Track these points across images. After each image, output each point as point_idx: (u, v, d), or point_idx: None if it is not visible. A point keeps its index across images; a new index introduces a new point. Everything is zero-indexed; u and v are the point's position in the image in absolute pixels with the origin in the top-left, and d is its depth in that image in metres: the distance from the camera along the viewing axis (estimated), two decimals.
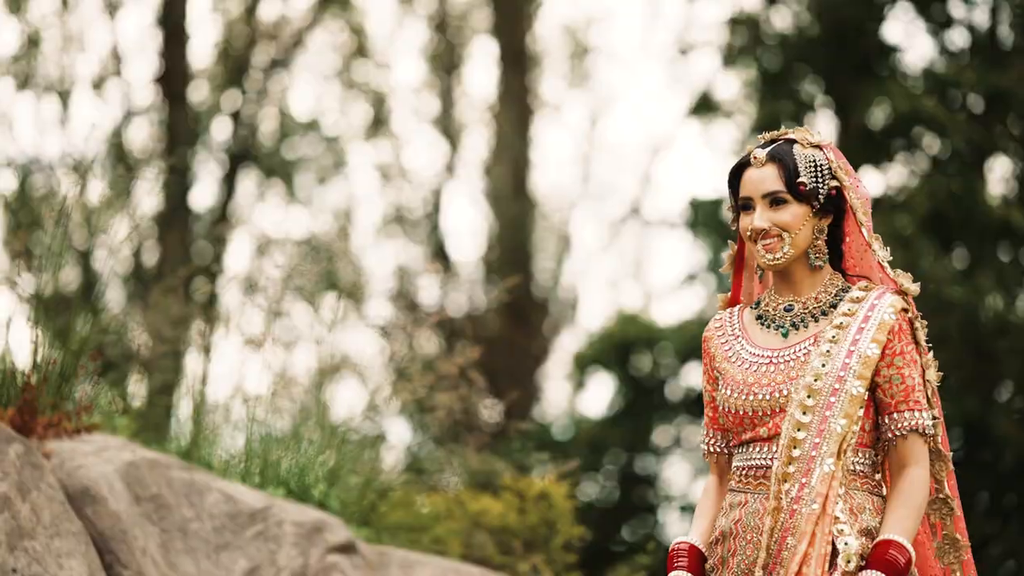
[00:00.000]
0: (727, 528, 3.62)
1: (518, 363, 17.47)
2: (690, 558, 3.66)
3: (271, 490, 6.29)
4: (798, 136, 3.67)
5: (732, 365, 3.67)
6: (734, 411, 3.62)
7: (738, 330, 3.72)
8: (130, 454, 5.66)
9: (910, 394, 3.58)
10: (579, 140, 20.17)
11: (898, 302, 3.62)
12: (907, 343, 3.60)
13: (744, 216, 3.67)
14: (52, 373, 5.67)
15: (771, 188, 3.62)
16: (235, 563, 5.67)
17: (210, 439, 6.62)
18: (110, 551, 5.37)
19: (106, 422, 6.19)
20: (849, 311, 3.60)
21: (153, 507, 5.61)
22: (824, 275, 3.68)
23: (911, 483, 3.55)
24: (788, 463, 3.52)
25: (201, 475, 5.86)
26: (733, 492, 3.65)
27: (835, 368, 3.54)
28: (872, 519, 3.56)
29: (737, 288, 3.84)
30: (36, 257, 7.38)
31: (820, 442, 3.51)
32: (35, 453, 5.33)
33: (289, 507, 5.97)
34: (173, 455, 6.09)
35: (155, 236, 17.45)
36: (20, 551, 5.06)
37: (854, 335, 3.57)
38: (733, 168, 3.69)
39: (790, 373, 3.58)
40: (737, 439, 3.66)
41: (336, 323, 9.50)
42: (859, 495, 3.57)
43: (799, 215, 3.61)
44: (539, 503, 6.86)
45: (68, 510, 5.30)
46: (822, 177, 3.63)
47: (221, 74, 18.23)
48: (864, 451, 3.60)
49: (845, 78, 13.96)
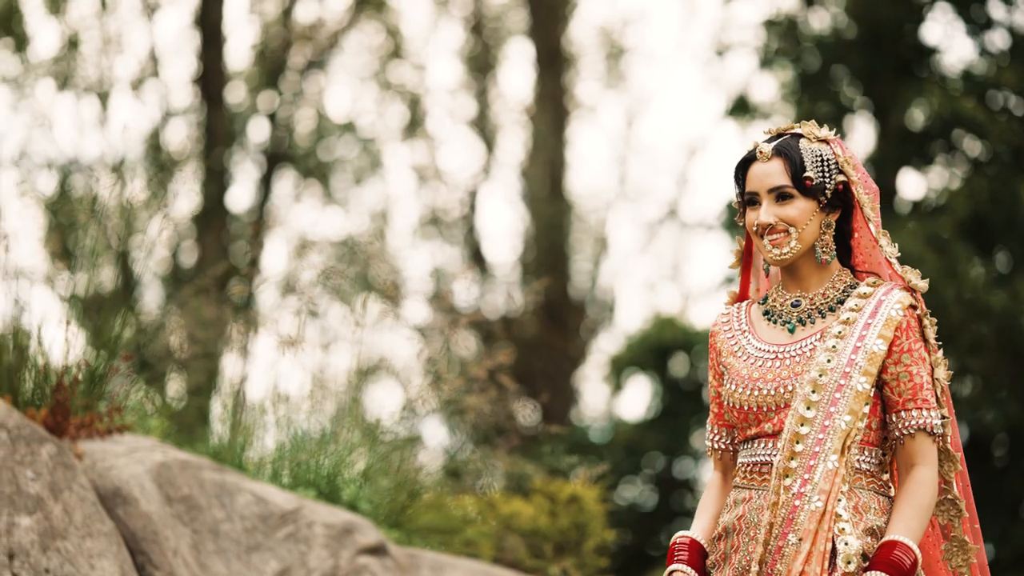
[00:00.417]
0: (730, 524, 3.58)
1: (555, 365, 17.45)
2: (691, 552, 3.63)
3: (302, 491, 6.29)
4: (805, 130, 3.65)
5: (738, 360, 3.64)
6: (739, 406, 3.59)
7: (745, 325, 3.69)
8: (161, 455, 5.67)
9: (918, 392, 3.54)
10: (615, 141, 20.15)
11: (906, 298, 3.58)
12: (915, 340, 3.56)
13: (750, 211, 3.64)
14: (84, 374, 5.69)
15: (777, 183, 3.59)
16: (266, 564, 5.67)
17: (243, 440, 6.63)
18: (142, 552, 5.37)
19: (139, 423, 6.20)
20: (856, 307, 3.57)
21: (184, 508, 5.62)
22: (832, 271, 3.65)
23: (918, 483, 3.51)
24: (790, 458, 3.48)
25: (232, 476, 5.86)
26: (738, 488, 3.62)
27: (840, 364, 3.51)
28: (877, 518, 3.51)
29: (745, 283, 3.81)
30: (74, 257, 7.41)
31: (824, 438, 3.47)
32: (67, 453, 5.34)
33: (320, 508, 5.96)
34: (205, 456, 6.09)
35: (193, 237, 17.52)
36: (53, 551, 5.08)
37: (860, 331, 3.53)
38: (739, 162, 3.66)
39: (795, 369, 3.55)
40: (742, 435, 3.63)
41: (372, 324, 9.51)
42: (864, 494, 3.53)
43: (805, 210, 3.58)
44: (570, 506, 6.85)
45: (100, 511, 5.31)
46: (829, 172, 3.60)
47: (258, 76, 18.29)
48: (870, 449, 3.56)
49: (884, 80, 13.89)
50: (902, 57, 13.83)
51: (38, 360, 5.70)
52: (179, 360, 8.47)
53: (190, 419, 6.88)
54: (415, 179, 19.47)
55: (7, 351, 5.82)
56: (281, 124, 18.11)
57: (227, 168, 17.21)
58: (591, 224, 20.13)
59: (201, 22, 17.24)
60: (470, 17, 19.61)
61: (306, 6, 18.37)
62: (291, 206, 18.61)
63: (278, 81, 18.03)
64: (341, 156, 18.96)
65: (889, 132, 13.99)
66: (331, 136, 18.78)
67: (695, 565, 3.62)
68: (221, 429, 6.57)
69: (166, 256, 17.99)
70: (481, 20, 19.59)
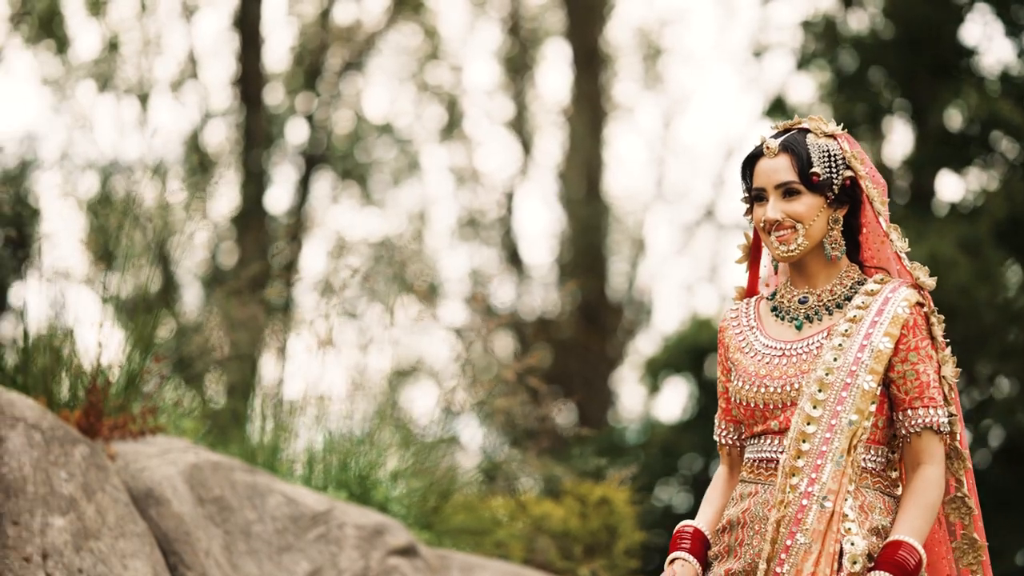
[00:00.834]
0: (736, 517, 3.58)
1: (592, 367, 17.45)
2: (693, 541, 3.63)
3: (333, 493, 6.32)
4: (812, 125, 3.63)
5: (745, 356, 3.63)
6: (746, 403, 3.58)
7: (753, 321, 3.68)
8: (193, 456, 5.72)
9: (925, 390, 3.52)
10: (652, 142, 20.14)
11: (913, 296, 3.56)
12: (922, 338, 3.54)
13: (758, 207, 3.62)
14: (118, 375, 5.74)
15: (784, 179, 3.57)
16: (297, 565, 5.71)
17: (276, 442, 6.67)
18: (174, 552, 5.42)
19: (172, 424, 6.25)
20: (863, 304, 3.55)
21: (216, 509, 5.66)
22: (840, 267, 3.63)
23: (924, 482, 3.50)
24: (797, 457, 3.47)
25: (264, 477, 5.90)
26: (744, 483, 3.61)
27: (847, 362, 3.49)
28: (883, 518, 3.50)
29: (754, 279, 3.79)
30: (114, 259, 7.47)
31: (831, 437, 3.46)
32: (100, 455, 5.40)
33: (351, 510, 6.00)
34: (237, 457, 6.13)
35: (232, 238, 17.60)
36: (86, 551, 5.13)
37: (867, 329, 3.51)
38: (746, 158, 3.65)
39: (802, 366, 3.54)
40: (749, 431, 3.62)
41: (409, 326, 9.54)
42: (870, 493, 3.52)
43: (813, 206, 3.56)
44: (600, 508, 6.86)
45: (133, 511, 5.36)
46: (836, 167, 3.58)
47: (296, 77, 18.36)
48: (877, 448, 3.55)
49: (921, 81, 13.83)
50: (940, 58, 13.77)
51: (72, 362, 5.76)
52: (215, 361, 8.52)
53: (224, 420, 6.92)
54: (452, 180, 19.51)
55: (42, 353, 5.88)
56: (319, 125, 18.18)
57: (266, 169, 17.28)
58: (628, 225, 20.13)
59: (240, 24, 17.32)
60: (507, 18, 19.63)
61: (344, 7, 18.44)
62: (329, 207, 18.69)
63: (316, 82, 18.10)
64: (379, 157, 19.01)
65: (927, 134, 13.93)
66: (369, 137, 18.83)
67: (697, 554, 3.62)
68: (255, 430, 6.60)
69: (206, 257, 18.10)
70: (518, 21, 19.60)
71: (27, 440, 5.17)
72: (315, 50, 18.20)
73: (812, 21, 14.27)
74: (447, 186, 19.54)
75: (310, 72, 18.16)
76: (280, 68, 18.40)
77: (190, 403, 6.91)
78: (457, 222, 19.42)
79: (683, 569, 3.60)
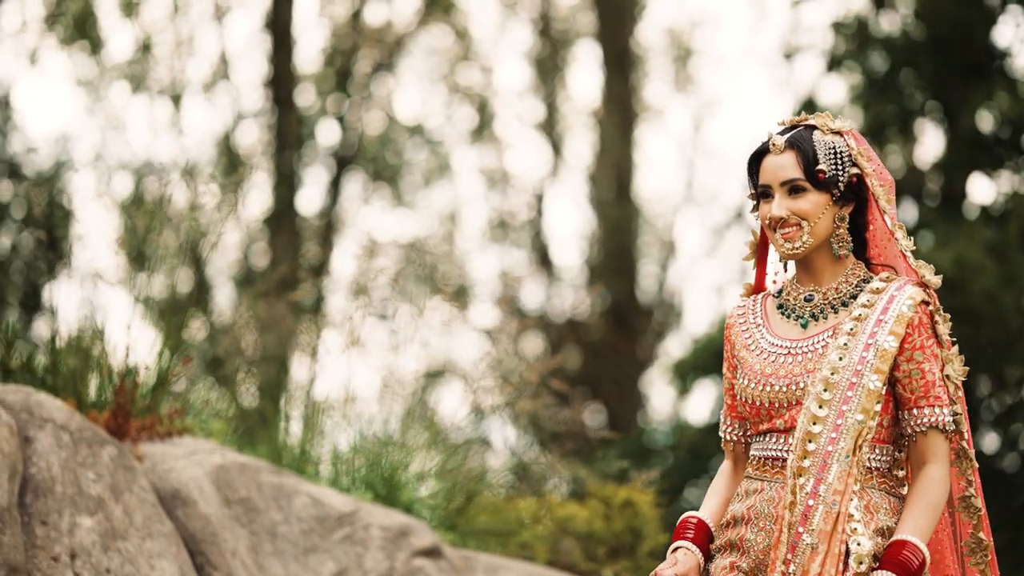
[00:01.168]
0: (740, 513, 3.58)
1: (622, 369, 17.46)
2: (697, 532, 3.63)
3: (359, 494, 6.36)
4: (818, 122, 3.61)
5: (751, 354, 3.62)
6: (751, 401, 3.58)
7: (760, 318, 3.67)
8: (220, 457, 5.76)
9: (930, 390, 3.51)
10: (683, 144, 20.13)
11: (918, 294, 3.55)
12: (927, 337, 3.53)
13: (764, 204, 3.62)
14: (145, 377, 5.79)
15: (789, 176, 3.57)
16: (322, 566, 5.75)
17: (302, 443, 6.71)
18: (200, 553, 5.46)
19: (200, 425, 6.30)
20: (868, 303, 3.54)
21: (242, 510, 5.71)
22: (846, 265, 3.62)
23: (929, 481, 3.49)
24: (803, 457, 3.47)
25: (290, 479, 5.95)
26: (749, 479, 3.62)
27: (852, 362, 3.49)
28: (888, 519, 3.50)
29: (761, 276, 3.78)
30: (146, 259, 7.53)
31: (836, 437, 3.46)
32: (128, 456, 5.45)
33: (376, 511, 6.03)
34: (264, 459, 6.18)
35: (265, 239, 17.67)
36: (114, 551, 5.18)
37: (872, 328, 3.51)
38: (752, 154, 3.63)
39: (807, 365, 3.53)
40: (755, 429, 3.62)
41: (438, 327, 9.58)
42: (875, 494, 3.52)
43: (818, 203, 3.56)
44: (624, 510, 6.88)
45: (160, 512, 5.41)
46: (842, 164, 3.57)
47: (328, 78, 18.42)
48: (882, 447, 3.55)
49: (952, 83, 13.80)
50: (972, 60, 13.73)
51: (102, 363, 5.81)
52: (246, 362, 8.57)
53: (252, 421, 6.97)
54: (483, 182, 19.55)
55: (72, 353, 5.94)
56: (350, 127, 18.24)
57: (297, 171, 17.35)
58: (658, 227, 20.13)
59: (271, 25, 17.38)
60: (538, 19, 19.65)
61: (375, 8, 18.49)
62: (360, 209, 18.75)
63: (347, 84, 18.16)
64: (409, 159, 19.06)
65: (958, 136, 13.89)
66: (400, 139, 18.88)
67: (700, 544, 3.61)
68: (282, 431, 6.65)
69: (238, 258, 18.18)
70: (549, 22, 19.62)
71: (56, 441, 5.22)
72: (346, 51, 18.26)
73: (843, 22, 14.24)
74: (478, 187, 19.59)
75: (341, 73, 18.23)
76: (311, 69, 18.47)
77: (218, 404, 6.96)
78: (487, 223, 19.46)
79: (685, 557, 3.59)
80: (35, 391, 5.38)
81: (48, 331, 6.70)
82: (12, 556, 4.90)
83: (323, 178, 18.10)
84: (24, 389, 5.37)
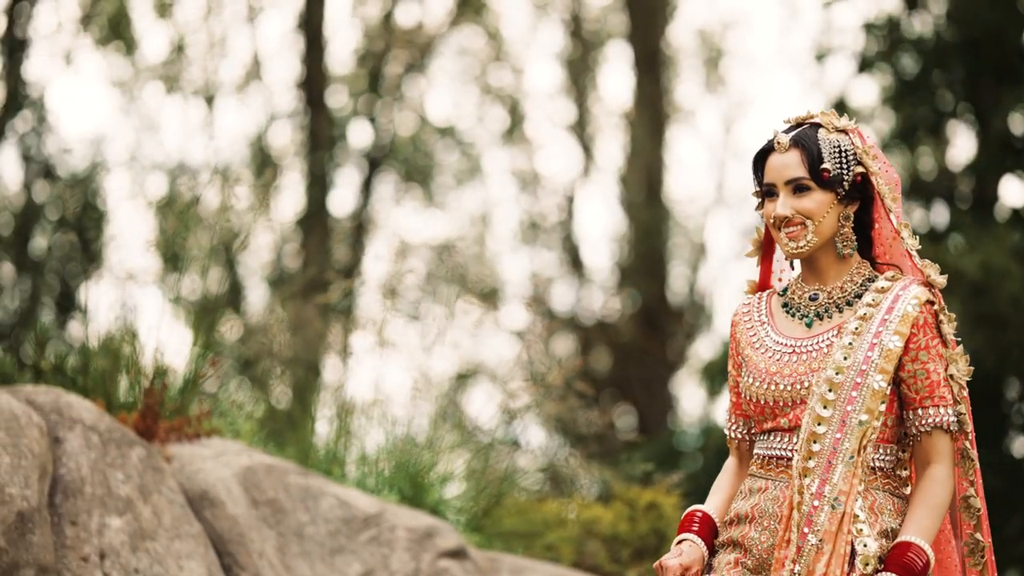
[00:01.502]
0: (744, 512, 3.57)
1: (652, 371, 17.47)
2: (702, 525, 3.64)
3: (386, 495, 6.40)
4: (824, 120, 3.61)
5: (756, 352, 3.62)
6: (755, 400, 3.57)
7: (765, 317, 3.67)
8: (247, 459, 5.82)
9: (935, 390, 3.51)
10: (714, 146, 20.13)
11: (923, 294, 3.54)
12: (932, 337, 3.52)
13: (768, 203, 3.61)
14: (174, 378, 5.86)
15: (794, 175, 3.56)
16: (349, 567, 5.80)
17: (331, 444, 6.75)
18: (228, 553, 5.52)
19: (229, 426, 6.35)
20: (873, 302, 3.53)
21: (270, 511, 5.76)
22: (851, 264, 3.61)
23: (932, 481, 3.49)
24: (808, 458, 3.46)
25: (317, 480, 6.00)
26: (753, 477, 3.61)
27: (857, 362, 3.48)
28: (892, 520, 3.50)
29: (766, 273, 3.77)
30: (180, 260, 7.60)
31: (841, 437, 3.45)
32: (156, 457, 5.51)
33: (402, 512, 6.08)
34: (292, 460, 6.23)
35: (297, 240, 17.75)
36: (142, 552, 5.24)
37: (877, 328, 3.50)
38: (757, 153, 3.63)
39: (812, 364, 3.52)
40: (759, 427, 3.61)
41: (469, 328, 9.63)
42: (879, 495, 3.51)
43: (823, 202, 3.55)
44: (649, 513, 6.91)
45: (188, 513, 5.46)
46: (847, 163, 3.56)
47: (360, 79, 18.48)
48: (886, 447, 3.54)
49: (985, 85, 13.76)
50: (1004, 62, 13.69)
51: (132, 364, 5.87)
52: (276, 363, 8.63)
53: (281, 422, 7.02)
54: (514, 183, 19.58)
55: (103, 355, 6.00)
56: (382, 128, 18.30)
57: (329, 171, 17.42)
58: (689, 229, 20.13)
59: (304, 26, 17.45)
60: (569, 20, 19.67)
61: (407, 9, 18.54)
62: (391, 209, 18.81)
63: (379, 85, 18.22)
64: (441, 160, 19.11)
65: (990, 139, 13.85)
66: (431, 140, 18.93)
67: (705, 538, 3.62)
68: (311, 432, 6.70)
69: (270, 259, 18.27)
70: (580, 23, 19.64)
71: (85, 442, 5.29)
72: (378, 52, 18.32)
73: (875, 23, 14.21)
74: (509, 189, 19.62)
75: (373, 74, 18.29)
76: (344, 70, 18.54)
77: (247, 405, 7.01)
78: (518, 225, 19.49)
79: (690, 549, 3.59)
80: (65, 392, 5.44)
81: (81, 332, 6.77)
82: (42, 556, 4.96)
83: (355, 179, 18.18)
84: (54, 390, 5.43)
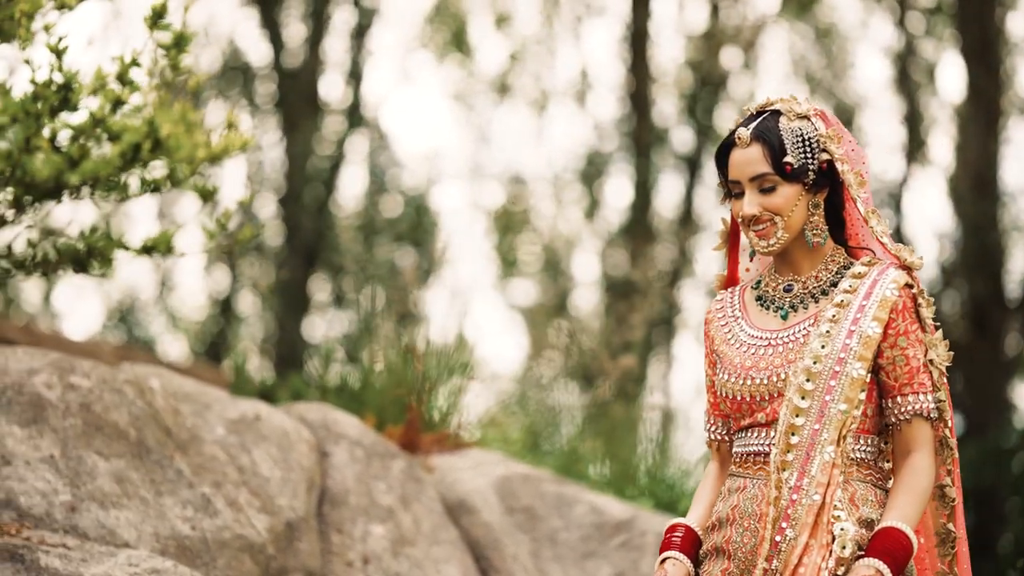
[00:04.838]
0: (725, 514, 3.47)
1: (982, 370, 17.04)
2: (684, 540, 3.53)
3: (641, 501, 6.64)
4: (783, 107, 3.47)
5: (731, 348, 3.51)
6: (731, 396, 3.47)
7: (738, 311, 3.56)
8: (504, 469, 6.17)
9: (914, 376, 3.39)
10: None
11: (901, 277, 3.42)
12: (911, 322, 3.40)
13: (735, 201, 3.50)
14: (435, 396, 6.27)
15: (757, 171, 3.43)
16: (599, 570, 6.07)
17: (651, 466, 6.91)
18: (484, 558, 5.88)
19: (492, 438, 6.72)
20: (850, 288, 3.42)
21: (524, 517, 6.09)
22: (825, 252, 3.50)
23: (914, 470, 3.37)
24: (787, 451, 3.35)
25: (571, 488, 6.30)
26: (733, 477, 3.50)
27: (835, 350, 3.37)
28: (873, 511, 3.38)
29: (733, 266, 3.67)
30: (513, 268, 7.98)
31: (820, 428, 3.35)
32: (416, 468, 5.92)
33: (654, 518, 6.30)
34: (547, 470, 6.54)
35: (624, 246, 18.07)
36: (403, 557, 5.65)
37: (855, 314, 3.39)
38: (719, 147, 3.51)
39: (789, 356, 3.41)
40: (737, 425, 3.50)
41: None
42: (860, 486, 3.39)
43: (790, 196, 3.43)
44: None
45: (446, 520, 5.85)
46: (810, 151, 3.44)
47: (685, 84, 18.67)
48: (866, 437, 3.42)
49: None
50: None
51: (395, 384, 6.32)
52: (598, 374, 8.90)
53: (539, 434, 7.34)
54: None
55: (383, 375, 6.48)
56: (706, 131, 18.45)
57: (650, 176, 17.67)
58: None
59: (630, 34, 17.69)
60: (895, 8, 19.36)
61: (729, 12, 18.60)
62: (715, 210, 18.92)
63: (702, 89, 18.38)
64: None
65: None
66: None
67: (688, 552, 3.52)
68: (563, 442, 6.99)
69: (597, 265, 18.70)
70: (905, 13, 19.32)
71: (350, 455, 5.74)
72: (703, 55, 18.43)
73: None
74: None
75: (698, 78, 18.44)
76: (669, 74, 18.75)
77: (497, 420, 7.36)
78: None
79: (675, 568, 3.49)
80: (332, 409, 5.91)
81: (419, 341, 6.97)
82: (309, 562, 5.42)
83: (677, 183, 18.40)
84: (323, 407, 5.91)
